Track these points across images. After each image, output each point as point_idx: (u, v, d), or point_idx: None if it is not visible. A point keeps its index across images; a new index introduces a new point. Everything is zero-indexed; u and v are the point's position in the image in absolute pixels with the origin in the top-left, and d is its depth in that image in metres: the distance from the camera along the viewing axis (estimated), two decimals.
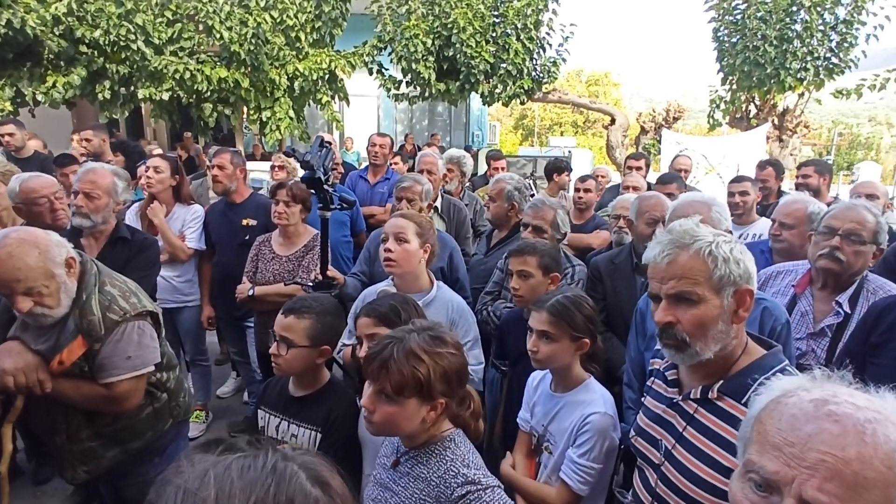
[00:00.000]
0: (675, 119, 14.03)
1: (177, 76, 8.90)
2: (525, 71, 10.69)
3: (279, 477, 0.59)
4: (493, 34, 10.47)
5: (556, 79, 11.42)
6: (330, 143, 2.58)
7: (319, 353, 1.86)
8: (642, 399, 1.59)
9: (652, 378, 1.57)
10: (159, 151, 4.01)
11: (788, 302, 2.18)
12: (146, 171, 3.40)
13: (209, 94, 9.30)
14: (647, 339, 2.04)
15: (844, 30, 9.91)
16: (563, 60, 11.17)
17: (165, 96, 9.06)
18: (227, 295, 3.33)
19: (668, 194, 2.99)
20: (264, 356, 3.16)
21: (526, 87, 10.85)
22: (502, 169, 5.42)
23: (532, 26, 10.49)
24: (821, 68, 10.09)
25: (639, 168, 4.86)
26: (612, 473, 1.86)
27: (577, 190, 4.18)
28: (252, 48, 9.07)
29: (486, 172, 6.22)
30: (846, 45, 9.96)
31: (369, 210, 4.45)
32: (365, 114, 14.89)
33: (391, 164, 4.86)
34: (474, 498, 1.26)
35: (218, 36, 9.01)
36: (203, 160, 6.60)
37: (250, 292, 3.08)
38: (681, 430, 1.36)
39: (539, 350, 1.83)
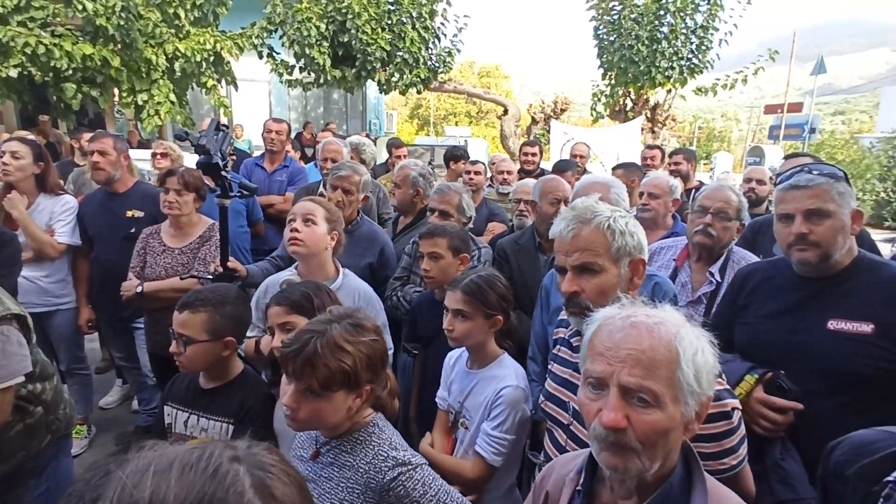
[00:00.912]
0: (562, 110, 14.90)
1: (28, 50, 7.77)
2: (421, 60, 10.74)
3: (217, 483, 0.55)
4: (389, 21, 10.39)
5: (451, 69, 11.61)
6: (227, 127, 2.42)
7: (224, 346, 1.78)
8: (549, 366, 1.69)
9: (558, 346, 1.68)
10: (31, 137, 3.42)
11: (671, 274, 2.44)
12: (2, 157, 2.95)
13: (71, 72, 8.24)
14: (551, 313, 2.17)
15: (702, 34, 11.14)
16: (458, 51, 11.39)
17: (13, 73, 7.87)
18: (109, 294, 3.01)
19: (566, 178, 3.21)
20: (158, 358, 2.91)
21: (422, 76, 10.91)
22: (404, 157, 5.42)
23: (427, 15, 10.56)
24: (684, 68, 11.26)
25: (534, 154, 5.13)
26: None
27: (467, 172, 4.30)
28: (122, 23, 8.16)
29: (387, 161, 6.19)
30: (704, 47, 11.21)
31: (267, 199, 4.25)
32: (255, 100, 14.09)
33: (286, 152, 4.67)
34: (406, 478, 1.28)
35: (80, 7, 7.99)
36: (68, 146, 5.84)
37: (138, 289, 2.81)
38: None
39: (455, 328, 1.88)
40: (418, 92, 11.87)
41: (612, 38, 11.44)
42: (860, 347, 1.53)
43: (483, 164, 4.44)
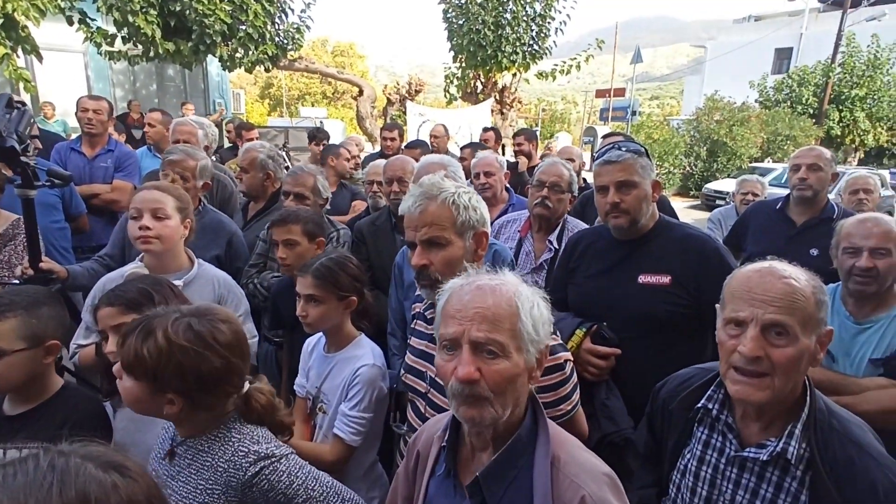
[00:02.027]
0: (417, 92, 15.06)
1: None
2: (268, 36, 10.09)
3: (61, 474, 0.51)
4: None
5: (301, 46, 11.10)
6: (23, 104, 2.07)
7: (46, 352, 1.55)
8: (408, 340, 1.76)
9: (415, 320, 1.75)
10: None
11: (516, 244, 2.65)
12: None
13: None
14: (406, 288, 2.24)
15: (541, 22, 11.99)
16: (307, 28, 10.90)
17: None
18: None
19: (415, 157, 3.30)
20: None
21: (270, 54, 10.28)
22: (254, 140, 5.11)
23: None
24: (526, 53, 12.05)
25: (392, 139, 5.15)
26: (389, 412, 2.01)
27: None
28: None
29: (234, 144, 5.79)
30: (543, 35, 12.09)
31: (90, 189, 3.72)
32: (68, 74, 12.08)
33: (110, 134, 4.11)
34: (270, 471, 1.23)
35: None
36: None
37: None
38: None
39: (308, 314, 1.85)
40: (266, 70, 11.17)
41: (460, 22, 11.81)
42: (661, 296, 1.82)
43: (347, 149, 4.39)
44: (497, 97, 12.81)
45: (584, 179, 4.24)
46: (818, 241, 2.77)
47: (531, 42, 12.00)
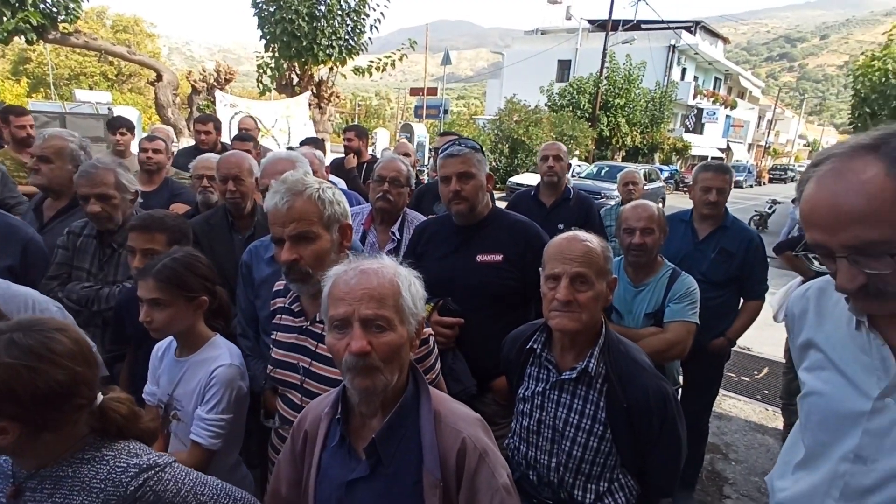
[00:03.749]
0: (227, 81, 13.97)
1: None
2: (29, 1, 8.39)
3: None
4: None
5: (77, 17, 9.48)
6: None
7: None
8: (272, 336, 1.76)
9: (278, 316, 1.77)
10: None
11: (361, 236, 2.77)
12: None
13: None
14: (256, 287, 2.19)
15: (356, 17, 12.06)
16: None
17: None
18: None
19: (247, 150, 3.16)
20: None
21: (34, 23, 8.57)
22: (30, 127, 4.27)
23: None
24: (343, 48, 12.02)
25: (207, 132, 4.76)
26: (251, 411, 1.97)
27: (143, 150, 3.77)
28: None
29: None
30: (358, 30, 12.17)
31: None
32: None
33: None
34: (155, 482, 1.16)
35: None
36: None
37: None
38: (314, 349, 1.64)
39: (153, 319, 1.72)
40: (29, 42, 9.26)
41: (272, 9, 11.27)
42: (495, 272, 2.13)
43: (164, 141, 3.90)
44: (314, 90, 12.55)
45: (417, 174, 4.49)
46: (563, 216, 3.57)
47: (347, 37, 12.00)
